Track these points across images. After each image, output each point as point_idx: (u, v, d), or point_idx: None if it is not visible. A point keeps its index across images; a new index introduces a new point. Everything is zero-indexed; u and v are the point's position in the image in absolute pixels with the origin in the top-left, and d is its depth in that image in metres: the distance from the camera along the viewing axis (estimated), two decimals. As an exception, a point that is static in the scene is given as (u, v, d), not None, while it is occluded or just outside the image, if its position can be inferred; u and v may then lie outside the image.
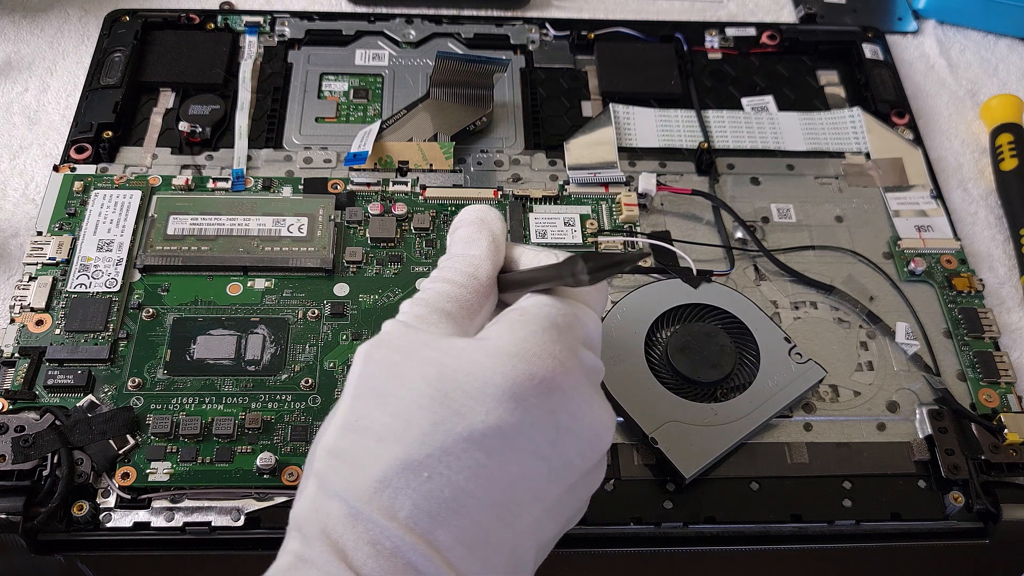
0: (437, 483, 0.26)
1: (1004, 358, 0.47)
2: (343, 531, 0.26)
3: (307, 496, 0.27)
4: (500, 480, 0.27)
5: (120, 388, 0.43)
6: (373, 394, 0.28)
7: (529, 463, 0.27)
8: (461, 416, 0.26)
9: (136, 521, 0.40)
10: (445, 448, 0.26)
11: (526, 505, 0.28)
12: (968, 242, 0.53)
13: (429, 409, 0.27)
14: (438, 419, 0.26)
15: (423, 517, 0.26)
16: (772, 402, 0.43)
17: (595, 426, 0.29)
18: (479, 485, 0.26)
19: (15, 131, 0.55)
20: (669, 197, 0.53)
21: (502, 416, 0.26)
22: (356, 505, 0.26)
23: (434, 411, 0.27)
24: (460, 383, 0.27)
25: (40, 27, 0.61)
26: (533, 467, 0.27)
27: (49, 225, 0.49)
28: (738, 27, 0.62)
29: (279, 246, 0.48)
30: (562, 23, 0.62)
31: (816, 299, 0.49)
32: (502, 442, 0.27)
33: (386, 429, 0.27)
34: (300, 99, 0.56)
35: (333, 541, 0.26)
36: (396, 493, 0.26)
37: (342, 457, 0.27)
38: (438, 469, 0.26)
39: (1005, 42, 0.65)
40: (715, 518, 0.41)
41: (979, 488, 0.42)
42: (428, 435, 0.26)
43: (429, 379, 0.27)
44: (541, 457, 0.28)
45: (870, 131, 0.56)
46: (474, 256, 0.31)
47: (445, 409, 0.27)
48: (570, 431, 0.28)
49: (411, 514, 0.26)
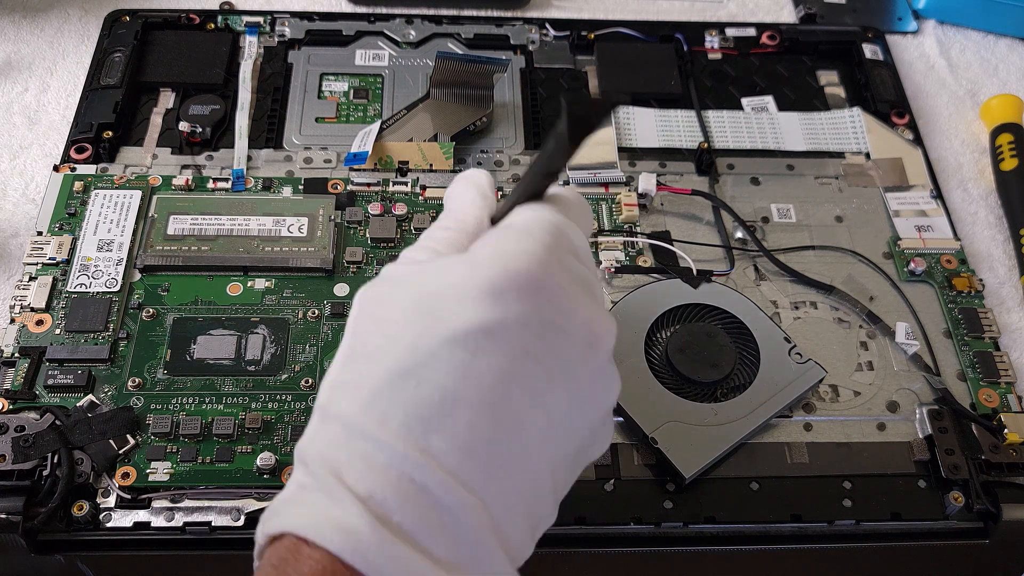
0: (426, 388, 0.26)
1: (1004, 358, 0.47)
2: (338, 451, 0.26)
3: (310, 428, 0.28)
4: (489, 379, 0.26)
5: (120, 388, 0.43)
6: (367, 323, 0.28)
7: (519, 362, 0.27)
8: (443, 320, 0.26)
9: (136, 521, 0.40)
10: (430, 353, 0.26)
11: (526, 409, 0.27)
12: (968, 242, 0.53)
13: (414, 321, 0.27)
14: (422, 327, 0.27)
15: (414, 424, 0.25)
16: (772, 402, 0.43)
17: (590, 325, 0.28)
18: (468, 385, 0.26)
19: (15, 131, 0.55)
20: (669, 197, 0.53)
21: (483, 314, 0.26)
22: (350, 423, 0.26)
23: (418, 321, 0.27)
24: (441, 292, 0.27)
25: (40, 27, 0.61)
26: (525, 366, 0.27)
27: (49, 225, 0.49)
28: (738, 27, 0.62)
29: (279, 246, 0.48)
30: (562, 23, 0.62)
31: (816, 299, 0.49)
32: (486, 340, 0.26)
33: (376, 348, 0.27)
34: (300, 99, 0.56)
35: (329, 463, 0.26)
36: (387, 405, 0.26)
37: (341, 385, 0.28)
38: (425, 375, 0.26)
39: (1005, 42, 0.65)
40: (715, 518, 0.41)
41: (979, 488, 0.42)
42: (413, 344, 0.26)
43: (413, 296, 0.28)
44: (531, 356, 0.27)
45: (870, 131, 0.57)
46: (461, 206, 0.32)
47: (428, 317, 0.27)
48: (559, 329, 0.28)
49: (402, 422, 0.25)
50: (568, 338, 0.28)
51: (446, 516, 0.25)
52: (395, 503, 0.25)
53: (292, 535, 0.25)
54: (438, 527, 0.25)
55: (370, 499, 0.25)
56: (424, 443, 0.25)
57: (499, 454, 0.26)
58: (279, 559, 0.25)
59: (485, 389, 0.26)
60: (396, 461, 0.25)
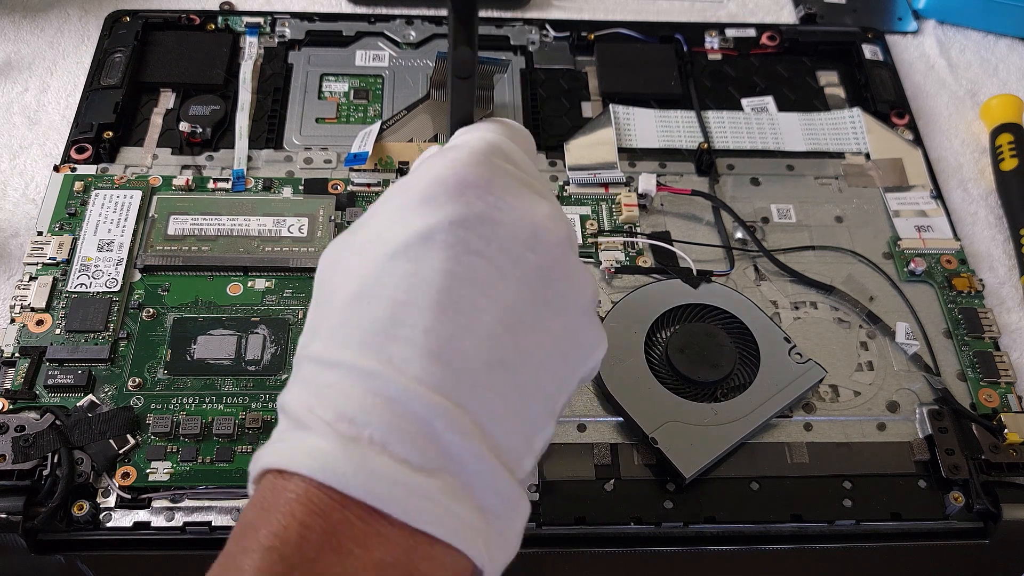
0: (378, 304, 0.26)
1: (1004, 358, 0.47)
2: (309, 390, 0.26)
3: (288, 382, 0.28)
4: (438, 282, 0.26)
5: (120, 388, 0.43)
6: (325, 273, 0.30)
7: (463, 259, 0.27)
8: (384, 239, 0.27)
9: (136, 521, 0.40)
10: (377, 271, 0.27)
11: (482, 308, 0.26)
12: (968, 242, 0.53)
13: (364, 250, 0.28)
14: (368, 253, 0.27)
15: (372, 339, 0.26)
16: (772, 402, 0.43)
17: (533, 216, 0.28)
18: (417, 292, 0.26)
19: (15, 131, 0.55)
20: (669, 197, 0.53)
21: (418, 222, 0.27)
22: (318, 358, 0.26)
23: (365, 248, 0.28)
24: (382, 217, 0.28)
25: (40, 27, 0.61)
26: (471, 263, 0.27)
27: (49, 225, 0.49)
28: (738, 28, 0.62)
29: (279, 246, 0.48)
30: (562, 24, 0.62)
31: (816, 299, 0.49)
32: (425, 246, 0.27)
33: (337, 286, 0.28)
34: (300, 100, 0.56)
35: (304, 401, 0.26)
36: (344, 329, 0.26)
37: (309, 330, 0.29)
38: (375, 291, 0.26)
39: (1005, 42, 0.65)
40: (715, 518, 0.41)
41: (979, 488, 0.42)
42: (361, 269, 0.27)
43: (368, 231, 0.29)
44: (475, 252, 0.27)
45: (870, 131, 0.57)
46: None
47: (373, 243, 0.28)
48: (500, 223, 0.27)
49: (361, 340, 0.26)
50: (510, 230, 0.28)
51: (420, 423, 0.25)
52: (364, 418, 0.24)
53: (270, 471, 0.25)
54: (411, 435, 0.24)
55: (339, 421, 0.24)
56: (385, 356, 0.25)
57: (464, 355, 0.26)
58: (260, 498, 0.25)
59: (434, 292, 0.26)
60: (361, 379, 0.25)
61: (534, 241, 0.28)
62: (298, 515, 0.23)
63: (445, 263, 0.26)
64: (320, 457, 0.24)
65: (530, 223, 0.28)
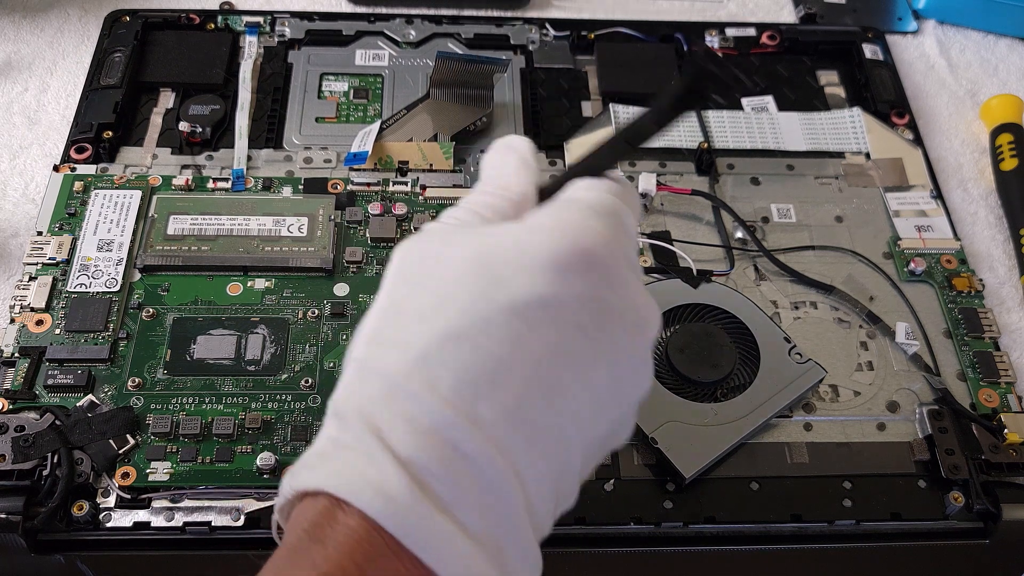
0: (479, 355, 0.25)
1: (1004, 358, 0.47)
2: (380, 409, 0.25)
3: (345, 380, 0.27)
4: (543, 353, 0.26)
5: (120, 388, 0.43)
6: (412, 279, 0.28)
7: (572, 338, 0.26)
8: (503, 286, 0.26)
9: (136, 521, 0.40)
10: (487, 318, 0.25)
11: (571, 387, 0.26)
12: (968, 242, 0.53)
13: (470, 282, 0.26)
14: (479, 290, 0.26)
15: (464, 389, 0.25)
16: (772, 402, 0.43)
17: (640, 310, 0.28)
18: (521, 357, 0.25)
19: (15, 131, 0.55)
20: (669, 197, 0.53)
21: (545, 286, 0.26)
22: (395, 381, 0.25)
23: (475, 283, 0.26)
24: (502, 256, 0.26)
25: (40, 27, 0.61)
26: (577, 343, 0.26)
27: (49, 225, 0.49)
28: (738, 27, 0.62)
29: (279, 246, 0.48)
30: (562, 23, 0.62)
31: (816, 299, 0.49)
32: (544, 313, 0.26)
33: (427, 307, 0.26)
34: (300, 99, 0.56)
35: (369, 420, 0.25)
36: (436, 366, 0.25)
37: (382, 341, 0.26)
38: (479, 340, 0.25)
39: (1005, 42, 0.65)
40: (715, 518, 0.41)
41: (979, 488, 0.42)
42: (469, 307, 0.26)
43: (469, 256, 0.27)
44: (585, 335, 0.26)
45: (870, 131, 0.56)
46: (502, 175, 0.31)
47: (486, 281, 0.26)
48: (614, 310, 0.27)
49: (452, 386, 0.25)
50: (619, 320, 0.27)
51: (486, 489, 0.25)
52: (437, 470, 0.24)
53: (327, 494, 0.24)
54: (477, 500, 0.24)
55: (411, 463, 0.24)
56: (472, 410, 0.25)
57: (541, 428, 0.26)
58: (311, 523, 0.24)
59: (537, 362, 0.26)
60: (442, 426, 0.24)
61: (636, 334, 0.28)
62: (356, 557, 0.23)
63: (555, 336, 0.26)
64: (389, 502, 0.23)
65: (636, 316, 0.28)
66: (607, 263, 0.27)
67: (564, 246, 0.26)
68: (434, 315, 0.26)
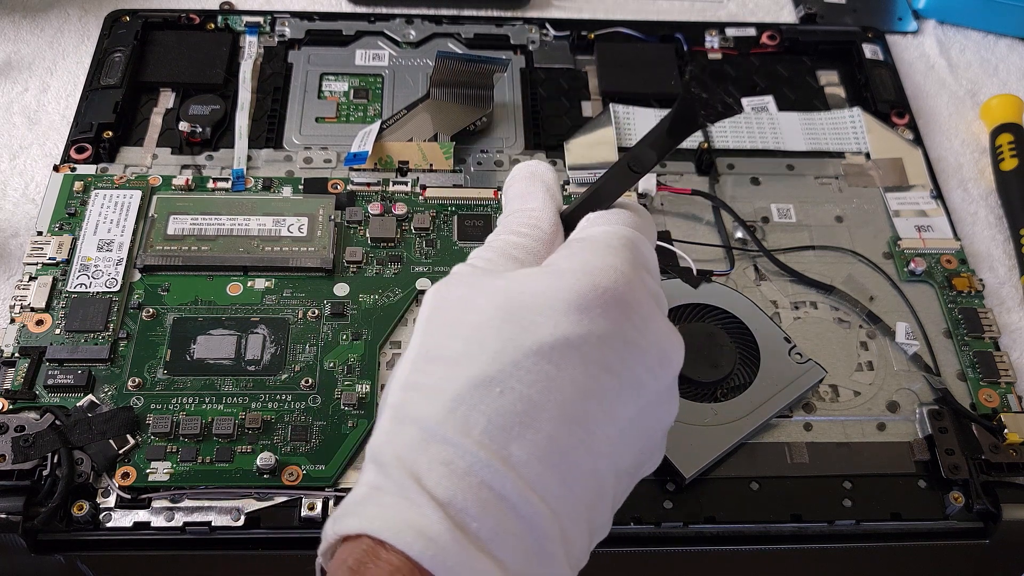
0: (509, 398, 0.26)
1: (1004, 358, 0.47)
2: (417, 455, 0.26)
3: (381, 427, 0.27)
4: (571, 393, 0.27)
5: (120, 388, 0.43)
6: (444, 326, 0.28)
7: (599, 376, 0.27)
8: (529, 331, 0.27)
9: (136, 521, 0.40)
10: (515, 363, 0.26)
11: (599, 422, 0.27)
12: (968, 242, 0.53)
13: (498, 329, 0.27)
14: (507, 336, 0.27)
15: (497, 433, 0.26)
16: (772, 402, 0.43)
17: (663, 344, 0.29)
18: (551, 398, 0.26)
19: (15, 131, 0.55)
20: (669, 197, 0.53)
21: (569, 328, 0.27)
22: (430, 427, 0.26)
23: (503, 330, 0.27)
24: (527, 302, 0.28)
25: (40, 27, 0.61)
26: (603, 381, 0.27)
27: (49, 225, 0.49)
28: (738, 27, 0.62)
29: (279, 246, 0.48)
30: (562, 23, 0.62)
31: (816, 299, 0.49)
32: (571, 354, 0.27)
33: (458, 354, 0.27)
34: (300, 99, 0.56)
35: (407, 466, 0.26)
36: (469, 411, 0.26)
37: (416, 387, 0.27)
38: (509, 384, 0.26)
39: (1005, 42, 0.65)
40: (715, 518, 0.41)
41: (979, 488, 0.42)
42: (499, 353, 0.27)
43: (498, 303, 0.28)
44: (610, 371, 0.27)
45: (870, 131, 0.57)
46: (533, 209, 0.32)
47: (514, 327, 0.27)
48: (637, 346, 0.28)
49: (485, 430, 0.26)
50: (643, 355, 0.28)
51: (522, 527, 0.25)
52: (475, 510, 0.25)
53: (369, 537, 0.25)
54: (513, 538, 0.25)
55: (449, 505, 0.25)
56: (505, 452, 0.26)
57: (573, 466, 0.27)
58: (356, 561, 0.25)
59: (566, 402, 0.27)
60: (477, 468, 0.25)
61: (659, 369, 0.29)
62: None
63: (583, 375, 0.27)
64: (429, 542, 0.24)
65: (660, 351, 0.29)
66: (627, 299, 0.28)
67: (585, 286, 0.27)
68: (465, 361, 0.27)
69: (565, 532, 0.26)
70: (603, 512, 0.29)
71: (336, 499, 0.40)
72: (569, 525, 0.26)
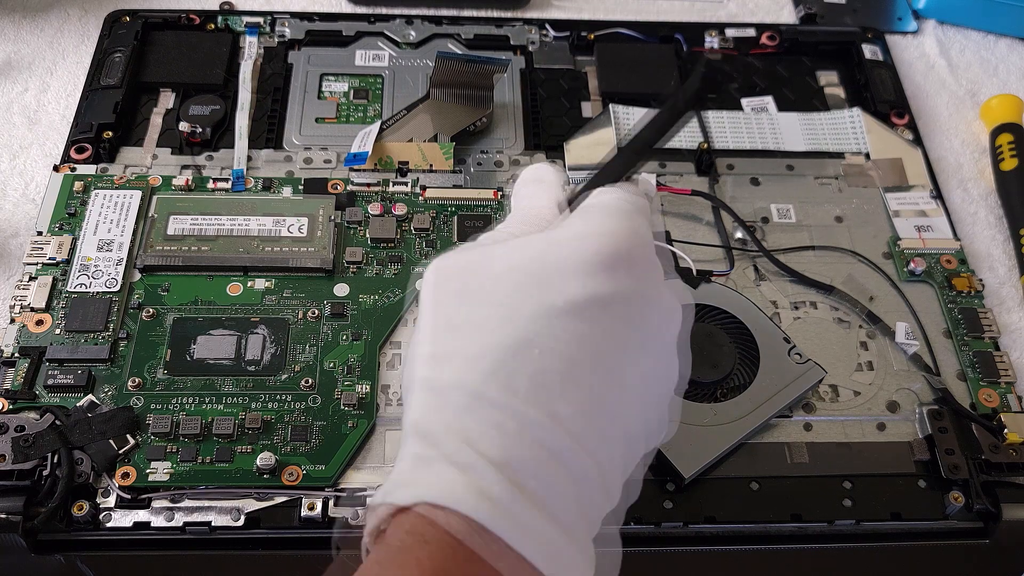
0: (549, 357, 0.27)
1: (1004, 358, 0.47)
2: (466, 420, 0.26)
3: (417, 402, 0.27)
4: (603, 347, 0.27)
5: (120, 388, 0.43)
6: (459, 295, 0.29)
7: (624, 331, 0.28)
8: (560, 291, 0.27)
9: (136, 521, 0.40)
10: (551, 323, 0.27)
11: (628, 374, 0.28)
12: (968, 242, 0.53)
13: (528, 291, 0.28)
14: (539, 298, 0.27)
15: (541, 391, 0.26)
16: (772, 402, 0.43)
17: (670, 303, 0.30)
18: (586, 353, 0.27)
19: (15, 131, 0.55)
20: (669, 197, 0.53)
21: (598, 286, 0.28)
22: (474, 391, 0.26)
23: (534, 292, 0.28)
24: (553, 263, 0.28)
25: (40, 27, 0.61)
26: (628, 336, 0.28)
27: (49, 225, 0.49)
28: (738, 27, 0.62)
29: (279, 246, 0.48)
30: (562, 24, 0.62)
31: (816, 299, 0.49)
32: (600, 311, 0.28)
33: (487, 319, 0.27)
34: (300, 99, 0.56)
35: (457, 432, 0.26)
36: (511, 374, 0.26)
37: (447, 357, 0.27)
38: (547, 344, 0.27)
39: (1005, 42, 0.65)
40: (715, 518, 0.41)
41: (979, 488, 0.42)
42: (533, 314, 0.27)
43: (520, 266, 0.28)
44: (634, 326, 0.28)
45: (870, 131, 0.57)
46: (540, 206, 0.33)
47: (544, 288, 0.28)
48: (653, 302, 0.29)
49: (530, 389, 0.26)
50: (659, 311, 0.30)
51: (573, 481, 0.26)
52: (531, 468, 0.25)
53: (425, 504, 0.25)
54: (566, 493, 0.26)
55: (506, 465, 0.25)
56: (552, 409, 0.26)
57: (610, 418, 0.27)
58: (412, 526, 0.25)
59: (600, 356, 0.27)
60: (529, 427, 0.26)
61: (670, 323, 0.30)
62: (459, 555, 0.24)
63: (614, 331, 0.28)
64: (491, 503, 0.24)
65: (670, 308, 0.30)
66: (645, 260, 0.29)
67: (609, 247, 0.28)
68: (499, 325, 0.27)
69: (607, 487, 0.27)
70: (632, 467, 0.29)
71: (336, 499, 0.40)
72: (610, 480, 0.27)
